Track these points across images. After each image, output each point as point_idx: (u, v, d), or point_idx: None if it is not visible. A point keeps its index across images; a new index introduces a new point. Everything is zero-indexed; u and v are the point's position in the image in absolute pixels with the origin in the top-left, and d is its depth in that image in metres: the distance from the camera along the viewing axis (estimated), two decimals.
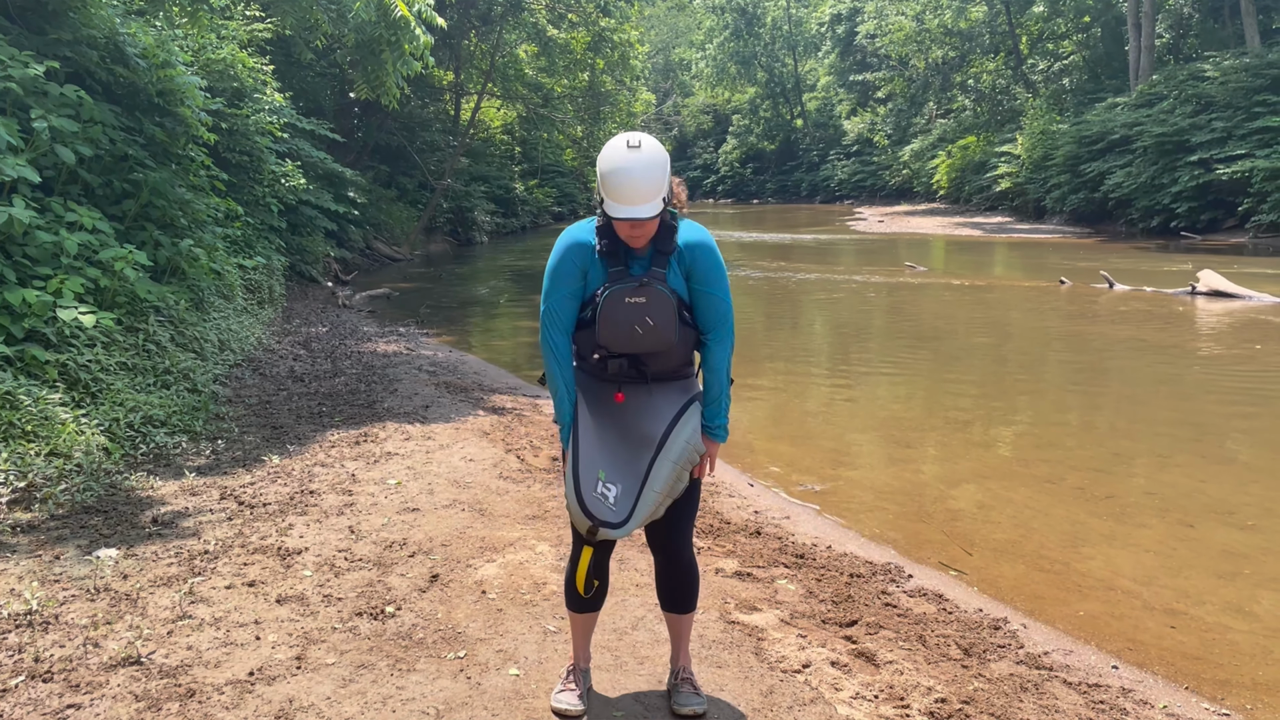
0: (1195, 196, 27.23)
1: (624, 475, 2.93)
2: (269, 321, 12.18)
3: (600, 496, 2.88)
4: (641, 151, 2.79)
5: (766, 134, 68.31)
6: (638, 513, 2.89)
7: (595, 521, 2.86)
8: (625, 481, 2.92)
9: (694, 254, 2.96)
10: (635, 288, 2.88)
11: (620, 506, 2.89)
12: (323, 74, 21.62)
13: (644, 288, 2.88)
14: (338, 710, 3.14)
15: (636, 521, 2.89)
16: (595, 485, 2.89)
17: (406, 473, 5.98)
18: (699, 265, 2.96)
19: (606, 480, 2.91)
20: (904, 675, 3.56)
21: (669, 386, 3.05)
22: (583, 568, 3.05)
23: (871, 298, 17.03)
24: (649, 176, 2.78)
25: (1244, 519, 5.68)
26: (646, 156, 2.79)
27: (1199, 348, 11.58)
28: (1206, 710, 3.61)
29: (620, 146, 2.81)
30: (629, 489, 2.91)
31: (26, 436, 5.40)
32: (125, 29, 8.64)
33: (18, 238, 6.61)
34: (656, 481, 2.91)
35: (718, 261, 2.99)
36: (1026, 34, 45.43)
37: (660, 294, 2.89)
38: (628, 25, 31.40)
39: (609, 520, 2.86)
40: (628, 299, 2.88)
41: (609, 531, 2.87)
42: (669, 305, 2.90)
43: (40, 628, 3.64)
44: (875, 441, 7.72)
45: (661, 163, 2.82)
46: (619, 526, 2.87)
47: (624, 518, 2.88)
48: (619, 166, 2.78)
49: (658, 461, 2.93)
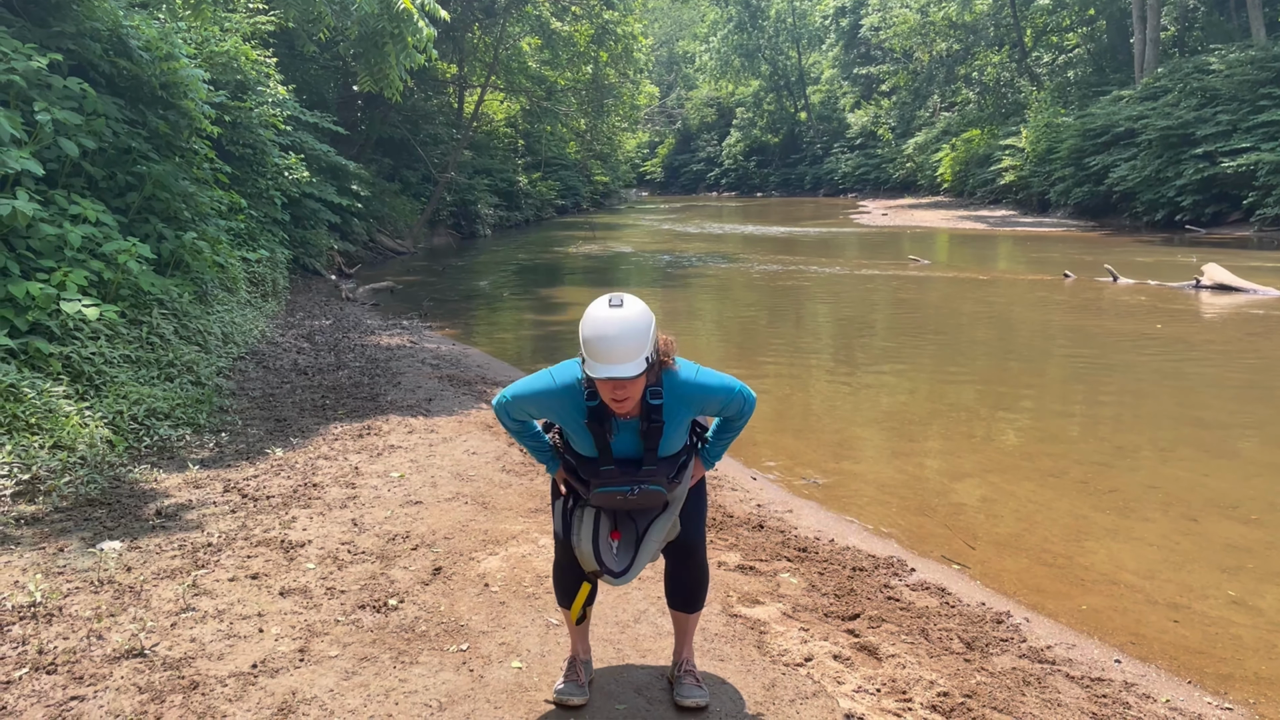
0: (1200, 190, 27.15)
1: (624, 528, 3.04)
2: (272, 314, 12.19)
3: (608, 545, 2.98)
4: (624, 311, 2.73)
5: (770, 127, 68.19)
6: (637, 564, 2.99)
7: (601, 568, 2.95)
8: (625, 534, 3.02)
9: (690, 401, 2.93)
10: (628, 493, 2.92)
11: (621, 557, 2.99)
12: (326, 67, 21.62)
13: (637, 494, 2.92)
14: (340, 703, 3.14)
15: (635, 572, 3.00)
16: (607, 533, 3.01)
17: (409, 465, 5.99)
18: (697, 405, 2.96)
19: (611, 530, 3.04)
20: (906, 669, 3.56)
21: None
22: (579, 602, 3.15)
23: (875, 291, 17.00)
24: (630, 336, 2.71)
25: (1247, 513, 5.67)
26: (628, 316, 2.73)
27: (1203, 341, 11.55)
28: (1209, 704, 3.61)
29: (601, 307, 2.76)
30: (628, 541, 3.02)
31: (30, 429, 5.41)
32: (129, 22, 8.63)
33: (21, 230, 6.62)
34: (655, 536, 3.02)
35: (711, 388, 2.95)
36: (1031, 26, 45.32)
37: (653, 493, 2.93)
38: (631, 18, 31.38)
39: (612, 569, 2.96)
40: (619, 498, 2.94)
41: (610, 579, 2.97)
42: (661, 497, 2.96)
43: (44, 620, 3.65)
44: (878, 435, 7.71)
45: (645, 323, 2.74)
46: (620, 576, 2.97)
47: (625, 568, 2.98)
48: (599, 326, 2.72)
49: (658, 521, 3.04)
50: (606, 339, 2.69)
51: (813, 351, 11.70)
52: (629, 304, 2.75)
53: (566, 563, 3.11)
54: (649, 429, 2.88)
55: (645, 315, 2.75)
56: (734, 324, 14.20)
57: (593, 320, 2.73)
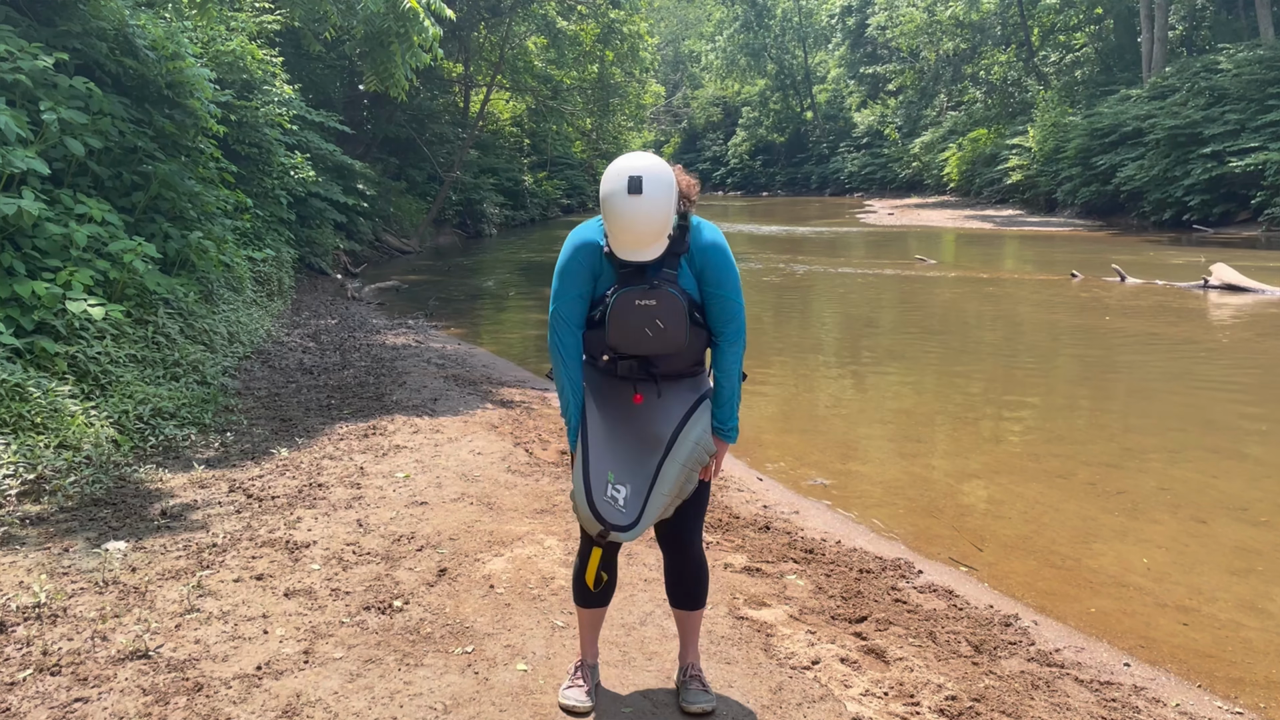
0: (1208, 189, 27.07)
1: (633, 476, 2.91)
2: (278, 314, 12.19)
3: (610, 500, 2.86)
4: (643, 199, 2.68)
5: (776, 126, 68.14)
6: (647, 514, 2.87)
7: (605, 525, 2.83)
8: (634, 482, 2.90)
9: (706, 256, 2.91)
10: (646, 290, 2.83)
11: (629, 508, 2.86)
12: (332, 66, 21.61)
13: (654, 290, 2.83)
14: (345, 705, 3.13)
15: (646, 523, 2.87)
16: (605, 488, 2.87)
17: (415, 466, 5.97)
18: (711, 267, 2.92)
19: (615, 482, 2.89)
20: (914, 672, 3.53)
21: (679, 385, 3.03)
22: (593, 565, 3.03)
23: (881, 291, 16.96)
24: (652, 221, 2.70)
25: (1257, 515, 5.63)
26: (649, 205, 2.69)
27: (1211, 342, 11.49)
28: (1219, 709, 3.58)
29: (620, 188, 2.69)
30: (638, 490, 2.89)
31: (36, 428, 5.41)
32: (134, 21, 8.63)
33: (27, 230, 6.61)
34: (665, 483, 2.90)
35: (730, 263, 2.95)
36: (1038, 25, 45.20)
37: (671, 296, 2.84)
38: (637, 17, 31.35)
39: (618, 524, 2.84)
40: (638, 301, 2.83)
41: (618, 535, 2.85)
42: (680, 308, 2.85)
43: (49, 620, 3.64)
44: (885, 435, 7.69)
45: (664, 209, 2.72)
46: (628, 529, 2.84)
47: (633, 520, 2.85)
48: (620, 212, 2.69)
49: (666, 463, 2.91)
50: (627, 228, 2.70)
51: (819, 351, 11.67)
52: (649, 187, 2.68)
53: (582, 536, 3.06)
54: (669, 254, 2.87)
55: (666, 193, 2.72)
56: None
57: (613, 208, 2.71)
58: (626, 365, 2.96)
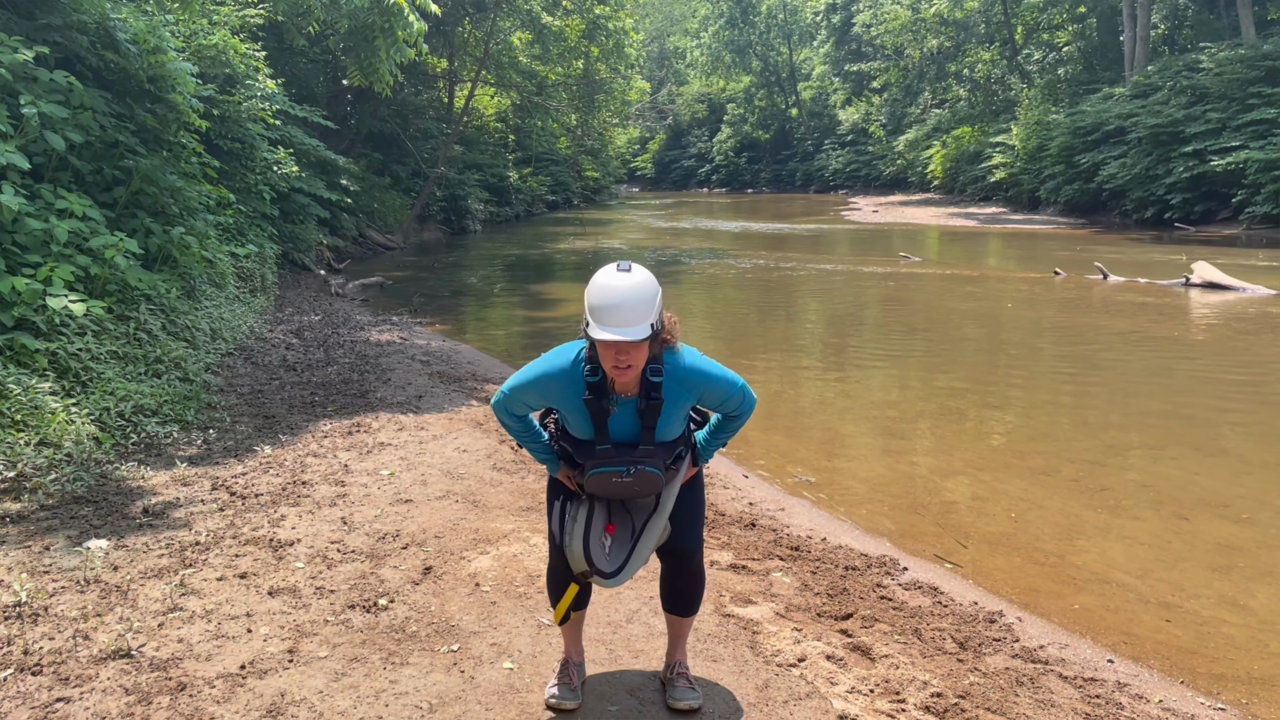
0: (1189, 188, 27.24)
1: (620, 522, 2.98)
2: (261, 310, 12.12)
3: (600, 544, 2.92)
4: (631, 276, 2.73)
5: (761, 123, 68.15)
6: (630, 566, 2.93)
7: (591, 568, 2.88)
8: (619, 534, 2.97)
9: (691, 386, 2.90)
10: (623, 474, 2.87)
11: (614, 557, 2.93)
12: (315, 60, 21.47)
13: (633, 475, 2.87)
14: (330, 704, 3.11)
15: (628, 575, 2.93)
16: (601, 533, 2.94)
17: (399, 463, 5.95)
18: (697, 392, 2.93)
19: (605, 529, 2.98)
20: (900, 669, 3.54)
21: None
22: (565, 602, 3.08)
23: (865, 288, 17.01)
24: (638, 300, 2.70)
25: (1238, 512, 5.68)
26: (636, 282, 2.73)
27: (1193, 340, 11.58)
28: (1202, 704, 3.61)
29: (609, 273, 2.76)
30: (622, 542, 2.95)
31: (16, 426, 5.36)
32: (116, 14, 8.55)
33: (7, 225, 6.55)
34: (650, 536, 2.97)
35: (714, 376, 2.93)
36: (1022, 24, 45.35)
37: (650, 476, 2.88)
38: (622, 13, 31.31)
39: (603, 570, 2.90)
40: (614, 480, 2.88)
41: (600, 580, 2.91)
42: (658, 481, 2.91)
43: (30, 620, 3.60)
44: (869, 433, 7.71)
45: (651, 290, 2.74)
46: (611, 577, 2.90)
47: (616, 569, 2.91)
48: (607, 290, 2.72)
49: (654, 518, 2.98)
50: (613, 303, 2.70)
51: (803, 349, 11.69)
52: (636, 270, 2.77)
53: (559, 565, 3.07)
54: (648, 407, 2.85)
55: (652, 282, 2.77)
56: (725, 321, 14.18)
57: (600, 285, 2.74)
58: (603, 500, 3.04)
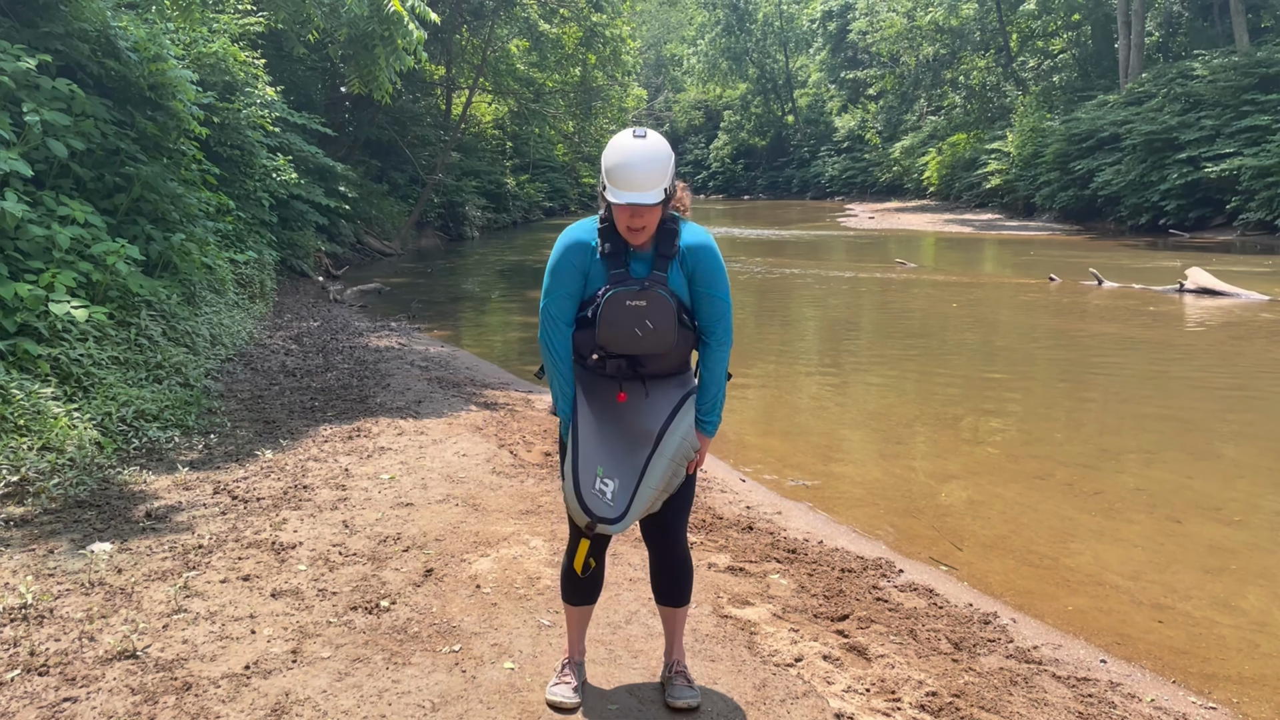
0: (1183, 194, 27.38)
1: (621, 470, 2.95)
2: (260, 316, 12.15)
3: (598, 493, 2.91)
4: (646, 141, 2.84)
5: (758, 130, 68.34)
6: (634, 508, 2.92)
7: (593, 518, 2.89)
8: (622, 476, 2.94)
9: (696, 257, 2.98)
10: (636, 291, 2.90)
11: (617, 502, 2.92)
12: (314, 68, 21.56)
13: (645, 291, 2.90)
14: (333, 704, 3.15)
15: (633, 516, 2.93)
16: (594, 482, 2.92)
17: (400, 467, 5.99)
18: (701, 268, 2.98)
19: (604, 475, 2.94)
20: (895, 669, 3.59)
21: (666, 384, 3.07)
22: (581, 553, 3.08)
23: (861, 294, 17.07)
24: (652, 164, 2.82)
25: (1231, 514, 5.73)
26: (651, 146, 2.84)
27: (1187, 345, 11.65)
28: (1193, 704, 3.66)
29: (625, 136, 2.87)
30: (626, 484, 2.94)
31: (19, 431, 5.40)
32: (117, 22, 8.60)
33: (9, 231, 6.59)
34: (653, 477, 2.94)
35: (719, 264, 3.01)
36: (1017, 31, 45.56)
37: (661, 297, 2.90)
38: (619, 20, 31.43)
39: (606, 516, 2.90)
40: (628, 302, 2.89)
41: (606, 527, 2.90)
42: (669, 309, 2.91)
43: (35, 621, 3.64)
44: (866, 437, 7.76)
45: (665, 154, 2.86)
46: (616, 522, 2.90)
47: (620, 512, 2.91)
48: (623, 153, 2.83)
49: (655, 457, 2.95)
50: (629, 166, 2.80)
51: (800, 354, 11.75)
52: (651, 136, 2.87)
53: (571, 529, 3.10)
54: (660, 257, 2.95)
55: (666, 147, 2.88)
56: None
57: (617, 148, 2.85)
58: (615, 364, 3.01)
